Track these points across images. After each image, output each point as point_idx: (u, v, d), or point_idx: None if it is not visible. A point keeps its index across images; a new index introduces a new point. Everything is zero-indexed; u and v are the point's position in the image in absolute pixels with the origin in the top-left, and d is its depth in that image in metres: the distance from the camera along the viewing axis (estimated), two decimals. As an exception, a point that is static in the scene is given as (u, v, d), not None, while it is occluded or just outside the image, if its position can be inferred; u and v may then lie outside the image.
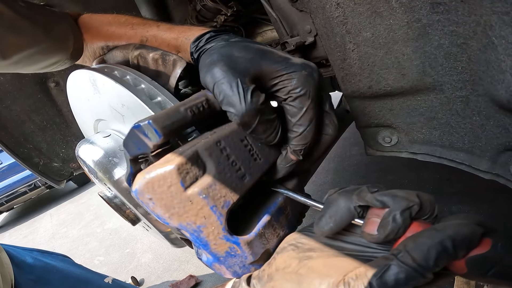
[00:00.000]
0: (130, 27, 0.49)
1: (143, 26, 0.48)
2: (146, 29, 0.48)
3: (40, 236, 2.89)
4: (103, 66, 0.46)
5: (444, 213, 1.15)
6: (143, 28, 0.48)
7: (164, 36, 0.45)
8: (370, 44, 0.43)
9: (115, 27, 0.51)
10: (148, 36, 0.47)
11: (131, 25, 0.49)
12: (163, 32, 0.46)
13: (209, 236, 0.30)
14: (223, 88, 0.32)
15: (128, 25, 0.49)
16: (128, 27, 0.49)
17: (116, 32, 0.50)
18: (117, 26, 0.50)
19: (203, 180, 0.28)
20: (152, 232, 0.62)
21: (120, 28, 0.50)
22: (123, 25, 0.50)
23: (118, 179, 0.47)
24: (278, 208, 0.38)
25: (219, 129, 0.33)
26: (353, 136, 2.07)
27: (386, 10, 0.38)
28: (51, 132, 0.96)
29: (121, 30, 0.49)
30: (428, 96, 0.47)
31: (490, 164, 0.44)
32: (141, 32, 0.48)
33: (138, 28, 0.48)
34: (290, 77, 0.33)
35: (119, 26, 0.50)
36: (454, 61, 0.40)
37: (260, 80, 0.34)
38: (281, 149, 0.38)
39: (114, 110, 0.44)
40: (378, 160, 1.69)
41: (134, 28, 0.49)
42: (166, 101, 0.38)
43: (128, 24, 0.50)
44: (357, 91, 0.51)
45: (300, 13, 0.49)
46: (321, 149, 0.39)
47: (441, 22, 0.36)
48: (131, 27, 0.49)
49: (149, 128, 0.28)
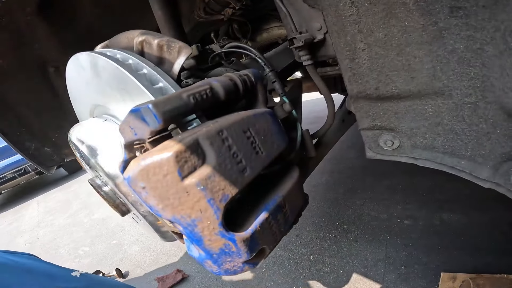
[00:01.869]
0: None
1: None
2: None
3: (25, 224, 2.83)
4: (106, 50, 0.44)
5: (435, 220, 1.15)
6: None
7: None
8: (381, 44, 0.42)
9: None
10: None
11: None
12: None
13: (204, 231, 0.28)
14: None
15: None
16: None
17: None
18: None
19: (202, 171, 0.27)
20: (142, 224, 0.60)
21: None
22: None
23: (116, 168, 0.46)
24: (277, 206, 0.36)
25: (221, 119, 0.31)
26: (350, 139, 2.07)
27: (403, 11, 0.37)
28: (46, 117, 0.94)
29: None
30: (436, 101, 0.46)
31: (491, 173, 0.44)
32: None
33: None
34: None
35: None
36: (467, 67, 0.39)
37: None
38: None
39: (112, 94, 0.42)
40: (373, 164, 1.69)
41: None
42: (168, 88, 0.36)
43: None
44: (363, 91, 0.50)
45: (311, 9, 0.48)
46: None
47: (458, 26, 0.35)
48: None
49: (148, 113, 0.27)
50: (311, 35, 0.51)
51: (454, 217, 1.14)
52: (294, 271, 1.17)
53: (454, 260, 0.96)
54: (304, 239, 1.31)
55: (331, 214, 1.41)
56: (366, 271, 1.05)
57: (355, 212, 1.37)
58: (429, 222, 1.16)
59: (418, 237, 1.11)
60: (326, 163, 1.84)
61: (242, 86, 0.37)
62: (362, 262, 1.10)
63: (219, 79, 0.34)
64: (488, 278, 0.84)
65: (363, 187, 1.54)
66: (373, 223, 1.27)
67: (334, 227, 1.33)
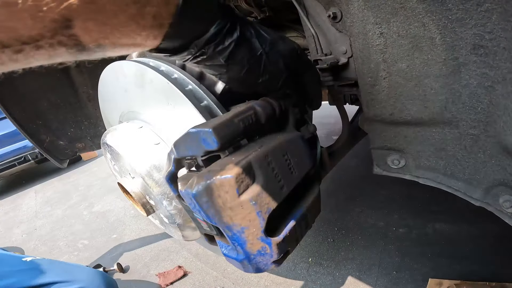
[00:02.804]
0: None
1: None
2: None
3: (22, 214, 2.77)
4: (148, 60, 0.47)
5: (428, 230, 1.22)
6: None
7: None
8: (402, 75, 0.46)
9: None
10: None
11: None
12: None
13: (249, 237, 0.33)
14: None
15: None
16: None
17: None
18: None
19: (253, 188, 0.31)
20: (161, 223, 0.64)
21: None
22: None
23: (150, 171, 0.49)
24: (302, 215, 0.41)
25: (265, 142, 0.36)
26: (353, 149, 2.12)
27: (428, 45, 0.41)
28: (63, 111, 0.96)
29: None
30: (443, 129, 0.51)
31: (483, 194, 0.49)
32: None
33: None
34: None
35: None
36: (476, 101, 0.43)
37: None
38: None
39: (153, 105, 0.46)
40: (373, 175, 1.74)
41: None
42: (212, 106, 0.40)
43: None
44: (379, 115, 0.55)
45: (338, 33, 0.52)
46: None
47: (476, 63, 0.39)
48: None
49: (209, 135, 0.31)
50: (335, 58, 0.55)
51: (446, 227, 1.21)
52: (292, 271, 1.22)
53: (442, 267, 1.03)
54: (304, 242, 1.36)
55: (331, 220, 1.47)
56: (361, 274, 1.11)
57: (353, 219, 1.43)
58: (422, 231, 1.23)
59: (411, 245, 1.17)
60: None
61: (278, 110, 0.41)
62: (358, 266, 1.15)
63: (260, 103, 0.38)
64: (471, 285, 0.91)
65: (362, 195, 1.60)
66: (370, 230, 1.33)
67: (333, 232, 1.39)
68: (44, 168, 4.23)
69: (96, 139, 1.08)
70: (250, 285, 1.20)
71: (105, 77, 0.58)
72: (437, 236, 1.18)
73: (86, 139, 1.05)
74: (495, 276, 0.94)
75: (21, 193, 3.46)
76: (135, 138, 0.50)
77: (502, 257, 1.00)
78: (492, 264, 0.99)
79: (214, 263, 1.39)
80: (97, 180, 3.17)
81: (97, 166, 3.78)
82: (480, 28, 0.37)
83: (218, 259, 1.40)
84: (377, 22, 0.45)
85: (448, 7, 0.38)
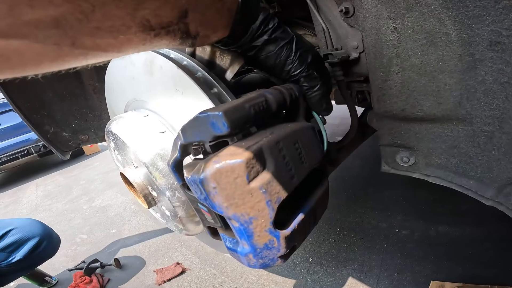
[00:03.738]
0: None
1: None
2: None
3: (22, 207, 2.78)
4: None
5: (431, 232, 1.20)
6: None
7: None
8: (416, 70, 0.45)
9: None
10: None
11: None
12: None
13: (257, 228, 0.32)
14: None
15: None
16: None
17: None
18: None
19: (263, 176, 0.30)
20: (163, 216, 0.63)
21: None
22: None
23: (154, 160, 0.48)
24: (311, 209, 0.40)
25: (276, 130, 0.35)
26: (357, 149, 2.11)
27: (443, 41, 0.40)
28: (68, 103, 0.95)
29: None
30: (456, 126, 0.50)
31: (495, 193, 0.48)
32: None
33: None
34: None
35: None
36: (491, 98, 0.42)
37: None
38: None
39: (161, 92, 0.45)
40: (377, 175, 1.74)
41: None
42: (222, 93, 0.39)
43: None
44: (389, 111, 0.54)
45: (350, 28, 0.51)
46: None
47: (493, 59, 0.38)
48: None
49: (218, 119, 0.30)
50: (346, 53, 0.54)
51: (450, 230, 1.19)
52: (292, 271, 1.21)
53: (444, 270, 1.02)
54: (305, 242, 1.35)
55: (333, 220, 1.45)
56: (362, 275, 1.10)
57: (356, 219, 1.42)
58: (425, 233, 1.22)
59: (414, 247, 1.16)
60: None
61: (289, 99, 0.40)
62: (359, 267, 1.14)
63: (271, 91, 0.37)
64: (473, 288, 0.90)
65: (365, 196, 1.59)
66: (372, 231, 1.32)
67: (335, 232, 1.37)
68: (47, 162, 4.25)
69: (99, 131, 1.08)
70: (249, 284, 1.19)
71: (112, 67, 0.57)
72: (440, 238, 1.17)
73: (90, 131, 1.05)
74: (497, 279, 0.93)
75: (22, 186, 3.47)
76: (140, 126, 0.50)
77: (504, 260, 0.99)
78: (494, 267, 0.98)
79: (213, 260, 1.38)
80: (98, 175, 3.18)
81: (99, 160, 3.79)
82: (498, 24, 0.37)
83: (217, 257, 1.39)
84: (391, 17, 0.44)
85: (465, 4, 0.38)
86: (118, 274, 1.46)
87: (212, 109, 0.31)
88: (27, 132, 3.40)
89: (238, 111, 0.31)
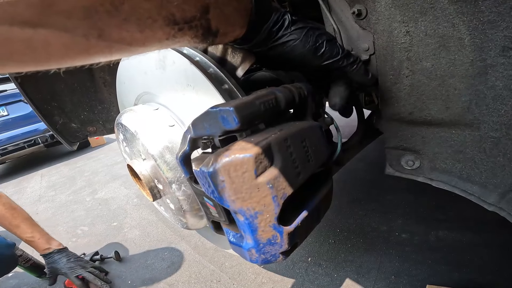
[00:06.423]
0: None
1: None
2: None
3: (25, 197, 2.80)
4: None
5: (431, 236, 1.20)
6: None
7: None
8: (426, 74, 0.45)
9: None
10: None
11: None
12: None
13: (261, 223, 0.32)
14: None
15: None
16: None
17: None
18: None
19: (270, 171, 0.31)
20: (166, 210, 0.64)
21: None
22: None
23: (162, 152, 0.49)
24: (315, 207, 0.40)
25: (284, 127, 0.35)
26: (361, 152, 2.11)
27: (456, 45, 0.40)
28: (78, 94, 0.97)
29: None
30: (463, 131, 0.50)
31: (498, 199, 0.49)
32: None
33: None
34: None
35: None
36: (500, 104, 0.42)
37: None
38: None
39: (172, 87, 0.46)
40: (379, 178, 1.74)
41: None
42: (233, 90, 0.40)
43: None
44: (397, 114, 0.54)
45: (362, 30, 0.51)
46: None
47: (504, 65, 0.38)
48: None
49: (229, 114, 0.30)
50: (357, 55, 0.54)
51: (449, 235, 1.19)
52: (290, 270, 1.21)
53: (440, 274, 1.02)
54: (305, 241, 1.36)
55: (333, 221, 1.46)
56: (359, 277, 1.10)
57: (356, 222, 1.42)
58: (425, 238, 1.21)
59: (412, 250, 1.16)
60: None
61: (298, 98, 0.40)
62: (356, 268, 1.14)
63: (281, 90, 0.38)
64: (467, 292, 0.90)
65: (367, 198, 1.59)
66: (372, 234, 1.32)
67: (335, 233, 1.37)
68: (52, 153, 4.30)
69: (107, 123, 1.09)
70: (246, 281, 1.20)
71: (125, 61, 0.58)
72: (439, 243, 1.17)
73: (98, 123, 1.07)
74: (492, 286, 0.93)
75: (27, 176, 3.51)
76: (150, 119, 0.50)
77: (502, 267, 0.99)
78: (491, 274, 0.98)
79: (212, 256, 1.39)
80: (103, 167, 3.21)
81: (105, 153, 3.82)
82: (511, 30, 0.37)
83: (217, 253, 1.41)
84: (404, 20, 0.44)
85: (481, 9, 0.38)
86: (117, 267, 1.48)
87: (223, 104, 0.31)
88: (35, 123, 3.44)
89: (249, 107, 0.32)
